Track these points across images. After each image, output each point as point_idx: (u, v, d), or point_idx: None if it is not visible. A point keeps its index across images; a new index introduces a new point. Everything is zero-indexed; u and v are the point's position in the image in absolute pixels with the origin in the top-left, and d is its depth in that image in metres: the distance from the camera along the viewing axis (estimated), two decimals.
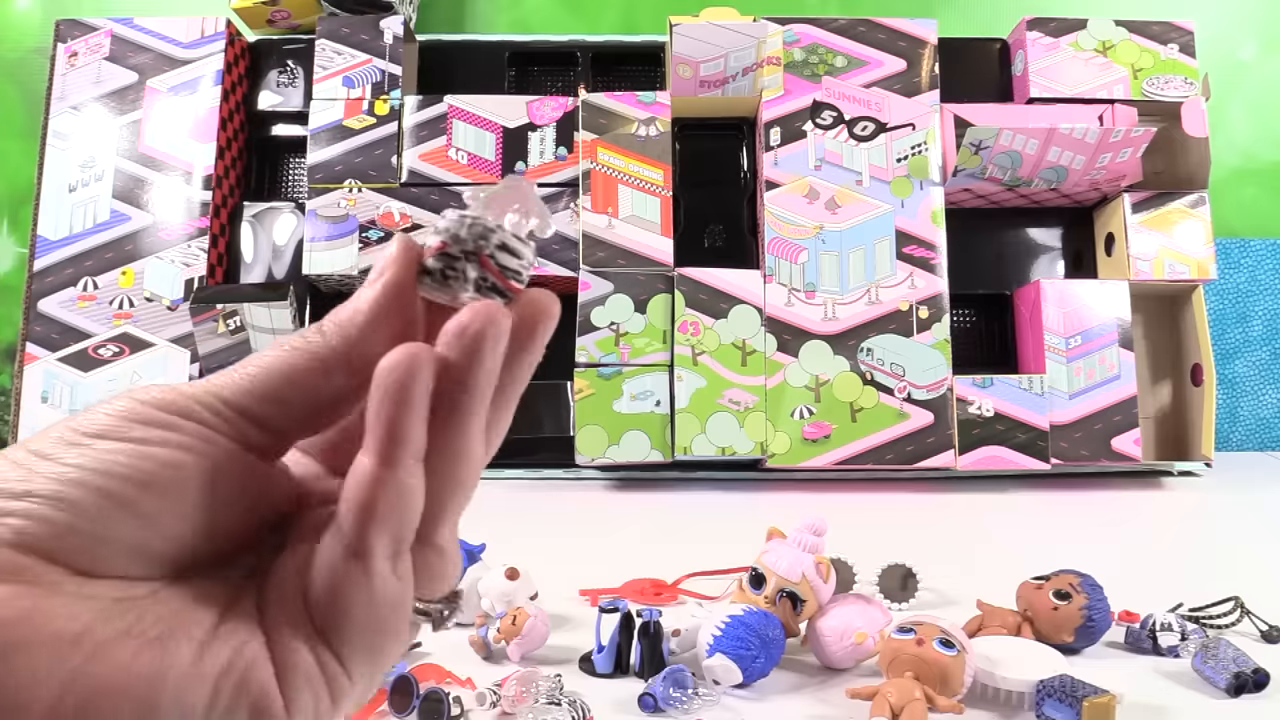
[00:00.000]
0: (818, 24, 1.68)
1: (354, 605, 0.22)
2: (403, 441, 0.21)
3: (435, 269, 0.23)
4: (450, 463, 0.23)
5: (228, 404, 0.22)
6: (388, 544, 0.22)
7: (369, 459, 0.21)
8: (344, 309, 0.24)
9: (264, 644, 0.21)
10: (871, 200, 1.61)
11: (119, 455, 0.20)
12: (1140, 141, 1.56)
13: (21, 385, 1.65)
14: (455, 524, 0.25)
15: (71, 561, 0.20)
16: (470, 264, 0.23)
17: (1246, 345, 2.04)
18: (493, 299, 0.23)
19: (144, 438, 0.21)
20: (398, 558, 0.22)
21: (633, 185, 1.60)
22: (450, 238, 0.23)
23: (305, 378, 0.23)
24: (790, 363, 1.55)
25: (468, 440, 0.23)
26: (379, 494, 0.21)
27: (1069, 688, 0.57)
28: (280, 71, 1.82)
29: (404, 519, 0.22)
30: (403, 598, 0.22)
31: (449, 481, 0.23)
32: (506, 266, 0.24)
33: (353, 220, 1.65)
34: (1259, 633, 0.76)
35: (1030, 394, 1.55)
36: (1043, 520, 1.37)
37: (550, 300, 0.25)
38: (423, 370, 0.21)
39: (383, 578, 0.22)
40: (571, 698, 0.60)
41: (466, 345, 0.22)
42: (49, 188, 1.71)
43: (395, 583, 0.22)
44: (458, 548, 0.25)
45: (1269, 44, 2.14)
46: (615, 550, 1.16)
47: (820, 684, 0.67)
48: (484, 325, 0.22)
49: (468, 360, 0.22)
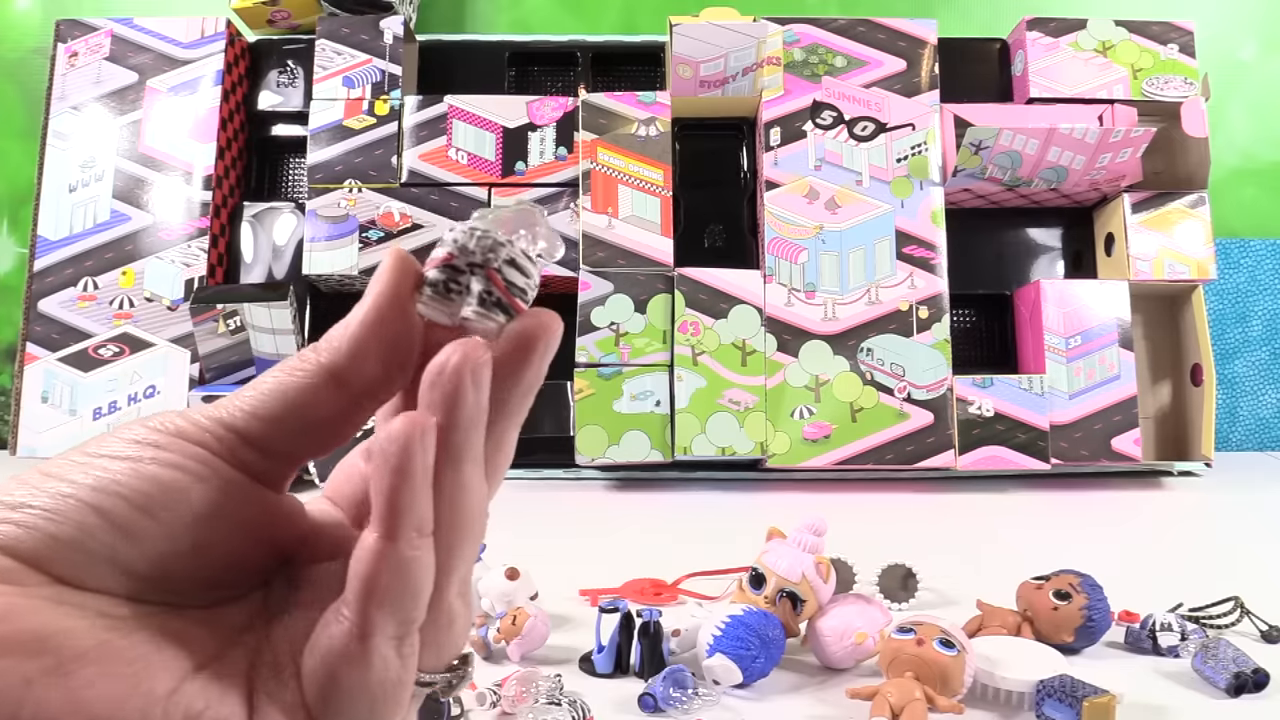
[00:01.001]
0: (818, 24, 1.68)
1: (350, 687, 0.21)
2: (405, 515, 0.21)
3: (438, 281, 0.23)
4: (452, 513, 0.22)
5: (228, 428, 0.22)
6: (393, 624, 0.21)
7: (372, 535, 0.21)
8: (337, 327, 0.23)
9: (243, 706, 0.21)
10: (871, 200, 1.61)
11: (115, 473, 0.20)
12: (1140, 141, 1.56)
13: (21, 385, 1.65)
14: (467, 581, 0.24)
15: (58, 571, 0.19)
16: (476, 277, 0.23)
17: (1246, 345, 2.04)
18: (495, 315, 0.23)
19: (142, 456, 0.21)
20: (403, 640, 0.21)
21: (633, 185, 1.60)
22: (458, 249, 0.23)
23: (298, 396, 0.22)
24: (790, 363, 1.55)
25: (465, 486, 0.22)
26: (381, 570, 0.20)
27: (1069, 688, 0.57)
28: (280, 71, 1.82)
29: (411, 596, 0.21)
30: (403, 679, 0.21)
31: (454, 534, 0.22)
32: (513, 283, 0.23)
33: (353, 220, 1.65)
34: (1259, 633, 0.76)
35: (1030, 394, 1.55)
36: (1043, 520, 1.37)
37: (552, 318, 0.24)
38: (422, 440, 0.21)
39: (384, 660, 0.21)
40: (571, 698, 0.60)
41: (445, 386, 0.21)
42: (49, 188, 1.71)
43: (397, 664, 0.21)
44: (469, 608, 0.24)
45: (1269, 44, 2.14)
46: (615, 550, 1.16)
47: (820, 684, 0.67)
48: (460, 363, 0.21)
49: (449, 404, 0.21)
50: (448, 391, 0.21)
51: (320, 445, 0.23)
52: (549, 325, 0.23)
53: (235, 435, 0.22)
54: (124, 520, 0.20)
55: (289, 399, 0.22)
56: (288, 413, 0.22)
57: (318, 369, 0.22)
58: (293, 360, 0.23)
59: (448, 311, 0.23)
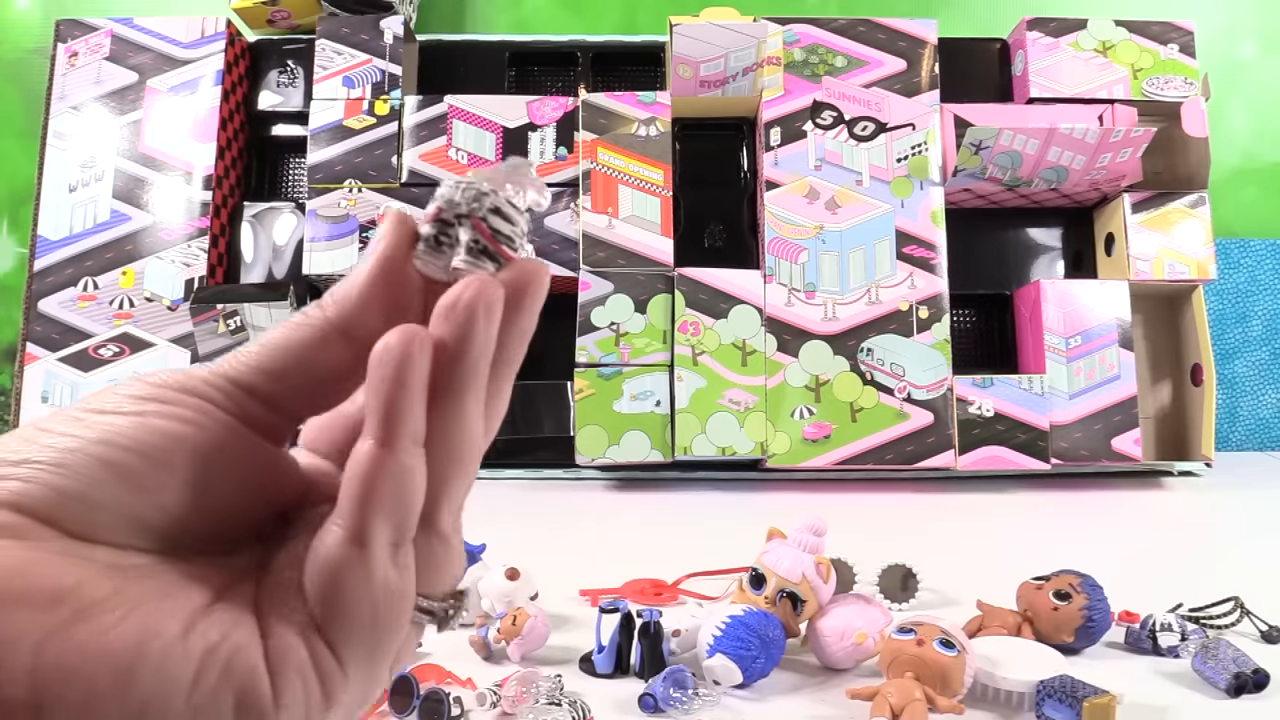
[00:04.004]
0: (818, 24, 1.68)
1: (352, 595, 0.21)
2: (401, 423, 0.21)
3: (429, 235, 0.23)
4: (449, 442, 0.22)
5: (230, 380, 0.22)
6: (388, 530, 0.21)
7: (367, 442, 0.21)
8: (341, 284, 0.24)
9: (256, 629, 0.21)
10: (871, 200, 1.61)
11: (120, 426, 0.21)
12: (1140, 141, 1.56)
13: (21, 385, 1.65)
14: (458, 511, 0.24)
15: (67, 525, 0.20)
16: (463, 227, 0.23)
17: (1246, 345, 2.04)
18: (484, 264, 0.23)
19: (146, 410, 0.21)
20: (399, 547, 0.22)
21: (633, 185, 1.60)
22: (445, 203, 0.24)
23: (304, 351, 0.23)
24: (790, 363, 1.55)
25: (466, 418, 0.23)
26: (378, 476, 0.21)
27: (1069, 688, 0.57)
28: (280, 71, 1.82)
29: (405, 503, 0.21)
30: (403, 590, 0.22)
31: (449, 462, 0.23)
32: (499, 231, 0.24)
33: (353, 220, 1.65)
34: (1259, 633, 0.76)
35: (1030, 394, 1.55)
36: (1043, 520, 1.37)
37: (539, 266, 0.24)
38: (419, 351, 0.21)
39: (383, 566, 0.21)
40: (571, 698, 0.60)
41: (459, 318, 0.22)
42: (49, 188, 1.71)
43: (395, 573, 0.22)
44: (461, 539, 0.25)
45: (1269, 44, 2.13)
46: (615, 550, 1.16)
47: (820, 684, 0.67)
48: (474, 297, 0.22)
49: (461, 333, 0.22)
50: (460, 322, 0.22)
51: (324, 400, 0.24)
52: (537, 271, 0.24)
53: (239, 389, 0.22)
54: (131, 472, 0.20)
55: (295, 353, 0.23)
56: (293, 367, 0.23)
57: (324, 323, 0.23)
58: (298, 316, 0.23)
59: (441, 264, 0.24)
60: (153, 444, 0.21)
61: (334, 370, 0.23)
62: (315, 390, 0.23)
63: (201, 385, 0.22)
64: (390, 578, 0.22)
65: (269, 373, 0.23)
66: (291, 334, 0.23)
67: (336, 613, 0.21)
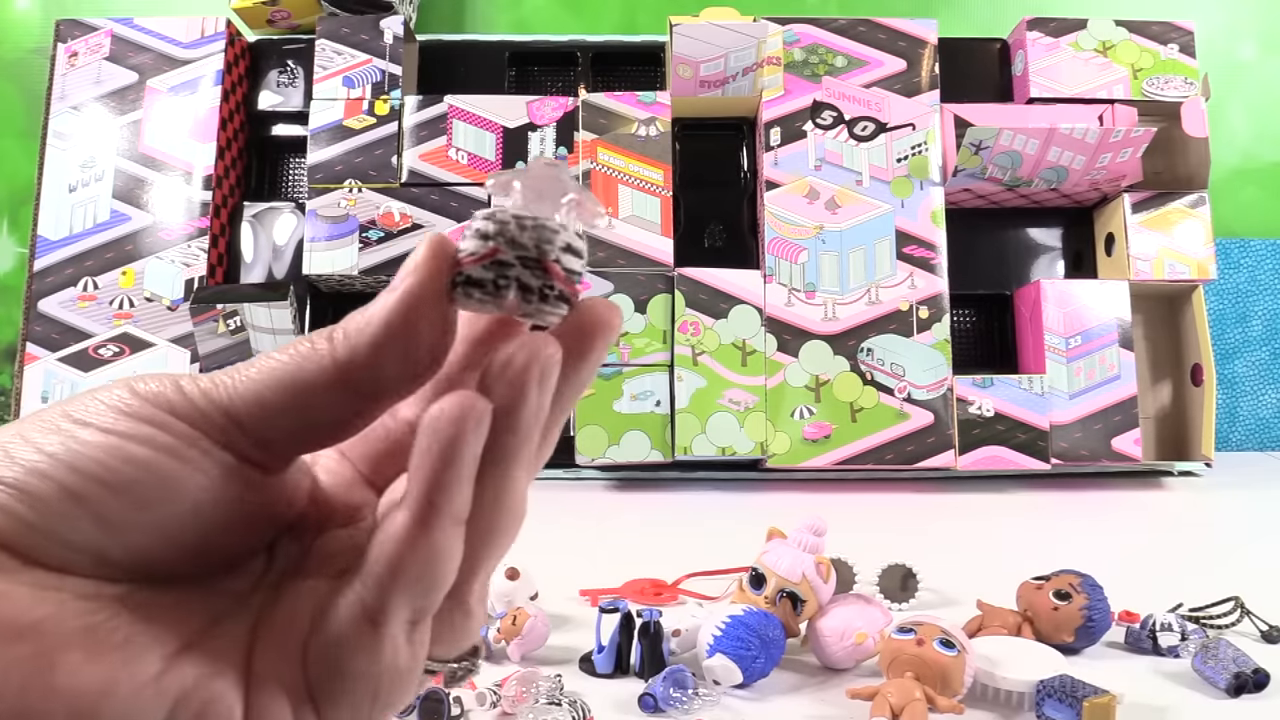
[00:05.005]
0: (818, 24, 1.68)
1: (356, 671, 0.19)
2: (446, 503, 0.19)
3: (485, 280, 0.20)
4: (492, 516, 0.20)
5: (224, 411, 0.20)
6: (408, 612, 0.20)
7: (405, 516, 0.19)
8: (356, 317, 0.20)
9: (238, 681, 0.19)
10: (871, 200, 1.61)
11: (95, 450, 0.19)
12: (1140, 141, 1.56)
13: (21, 385, 1.65)
14: (487, 582, 0.22)
15: (34, 556, 0.18)
16: (531, 271, 0.20)
17: (1246, 345, 2.04)
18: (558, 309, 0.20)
19: (127, 432, 0.19)
20: (416, 625, 0.20)
21: (633, 185, 1.60)
22: (506, 242, 0.20)
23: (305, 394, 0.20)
24: (790, 363, 1.55)
25: (513, 491, 0.20)
26: (410, 558, 0.19)
27: (1069, 688, 0.57)
28: (280, 71, 1.82)
29: (434, 586, 0.20)
30: (411, 668, 0.20)
31: (489, 535, 0.21)
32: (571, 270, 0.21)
33: (353, 220, 1.65)
34: (1259, 633, 0.76)
35: (1030, 394, 1.55)
36: (1043, 520, 1.37)
37: (612, 310, 0.21)
38: (474, 427, 0.19)
39: (394, 647, 0.20)
40: (571, 698, 0.60)
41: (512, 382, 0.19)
42: (49, 188, 1.71)
43: (407, 652, 0.20)
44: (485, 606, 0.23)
45: (1269, 44, 2.14)
46: (615, 550, 1.16)
47: (820, 684, 0.66)
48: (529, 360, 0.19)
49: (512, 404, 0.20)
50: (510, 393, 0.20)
51: (322, 442, 0.21)
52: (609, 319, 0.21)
53: (230, 420, 0.20)
54: (101, 509, 0.18)
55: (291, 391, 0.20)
56: (290, 406, 0.20)
57: (331, 366, 0.20)
58: (304, 346, 0.20)
59: (496, 304, 0.20)
60: (128, 477, 0.19)
61: (334, 418, 0.20)
62: (311, 433, 0.21)
63: (190, 408, 0.20)
64: (401, 660, 0.20)
65: (266, 406, 0.20)
66: (294, 370, 0.20)
67: (334, 684, 0.20)
